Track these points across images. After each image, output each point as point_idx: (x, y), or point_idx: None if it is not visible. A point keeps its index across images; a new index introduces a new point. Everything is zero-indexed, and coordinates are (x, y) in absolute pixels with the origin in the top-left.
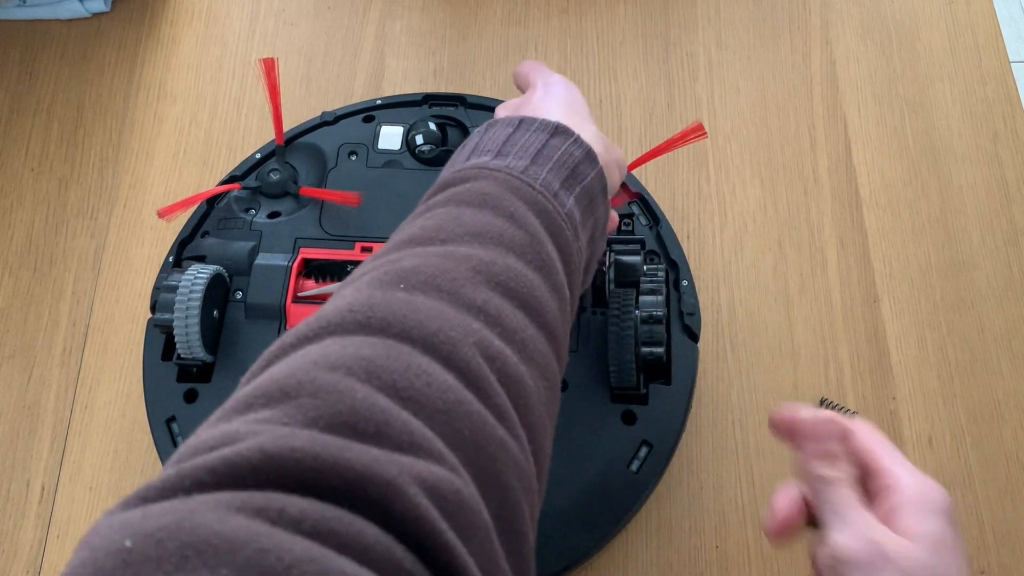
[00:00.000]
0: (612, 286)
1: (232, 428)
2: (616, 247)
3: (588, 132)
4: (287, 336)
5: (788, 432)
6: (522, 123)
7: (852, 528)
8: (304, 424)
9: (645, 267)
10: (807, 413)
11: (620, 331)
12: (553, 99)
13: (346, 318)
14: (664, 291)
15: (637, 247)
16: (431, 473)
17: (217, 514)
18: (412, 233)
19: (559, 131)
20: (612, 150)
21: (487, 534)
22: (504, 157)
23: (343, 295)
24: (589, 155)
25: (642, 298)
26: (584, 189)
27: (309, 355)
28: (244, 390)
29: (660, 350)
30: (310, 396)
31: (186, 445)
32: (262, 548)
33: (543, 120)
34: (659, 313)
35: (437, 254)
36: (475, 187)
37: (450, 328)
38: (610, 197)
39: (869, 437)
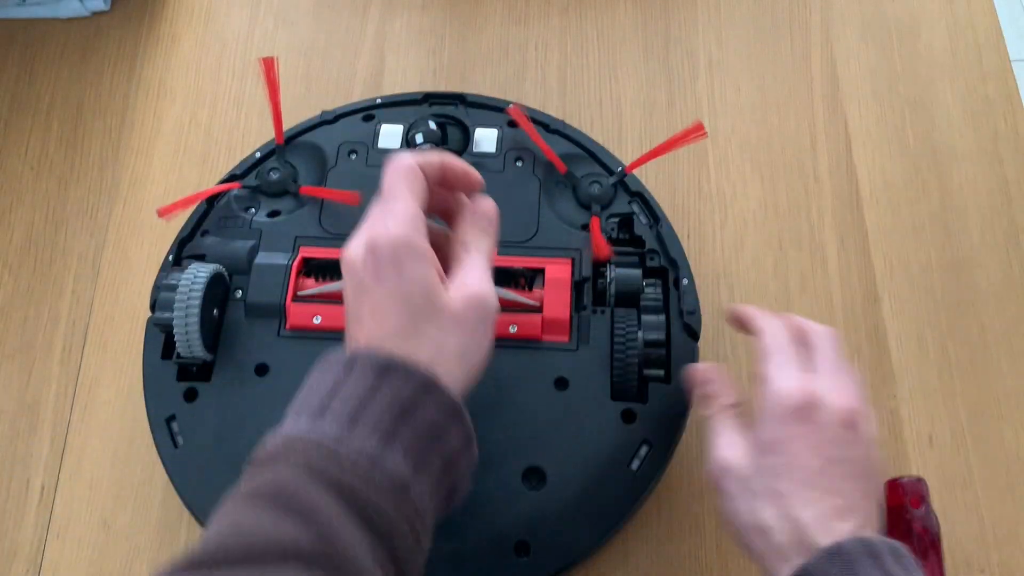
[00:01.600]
0: (614, 300)
1: None
2: (616, 258)
3: (429, 335)
4: None
5: (740, 325)
6: (355, 364)
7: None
8: None
9: (644, 282)
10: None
11: (625, 352)
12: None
13: None
14: (663, 310)
15: (635, 259)
16: None
17: None
18: (203, 547)
19: (389, 368)
20: (476, 332)
21: None
22: (321, 418)
23: None
24: (423, 385)
25: (644, 318)
26: (416, 432)
27: None
28: None
29: (661, 371)
30: None
31: None
32: None
33: (373, 357)
34: (661, 337)
35: None
36: (275, 479)
37: None
38: (479, 364)
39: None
